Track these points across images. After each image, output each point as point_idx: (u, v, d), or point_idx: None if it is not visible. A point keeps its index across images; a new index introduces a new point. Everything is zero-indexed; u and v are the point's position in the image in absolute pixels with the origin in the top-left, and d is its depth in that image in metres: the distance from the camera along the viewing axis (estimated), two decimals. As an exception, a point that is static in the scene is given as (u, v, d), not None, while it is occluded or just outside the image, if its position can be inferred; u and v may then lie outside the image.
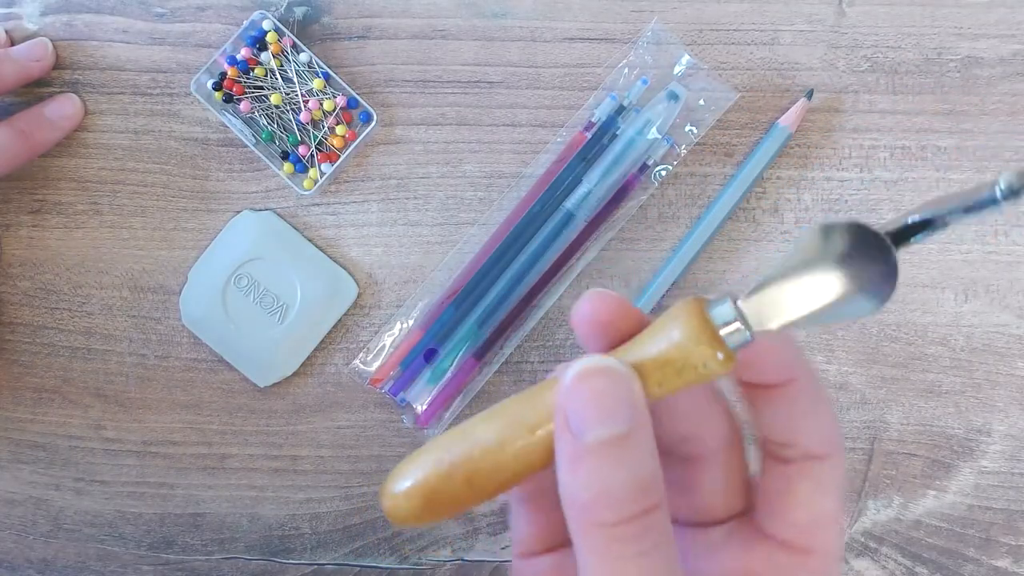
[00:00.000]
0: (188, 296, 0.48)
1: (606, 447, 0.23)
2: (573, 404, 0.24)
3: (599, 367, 0.24)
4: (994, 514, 0.47)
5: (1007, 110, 0.47)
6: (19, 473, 0.49)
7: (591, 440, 0.23)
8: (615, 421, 0.23)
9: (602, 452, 0.23)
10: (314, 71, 0.48)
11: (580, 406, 0.23)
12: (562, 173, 0.47)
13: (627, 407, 0.23)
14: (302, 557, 0.49)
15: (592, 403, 0.23)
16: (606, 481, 0.23)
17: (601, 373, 0.24)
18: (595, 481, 0.23)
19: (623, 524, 0.23)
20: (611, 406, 0.23)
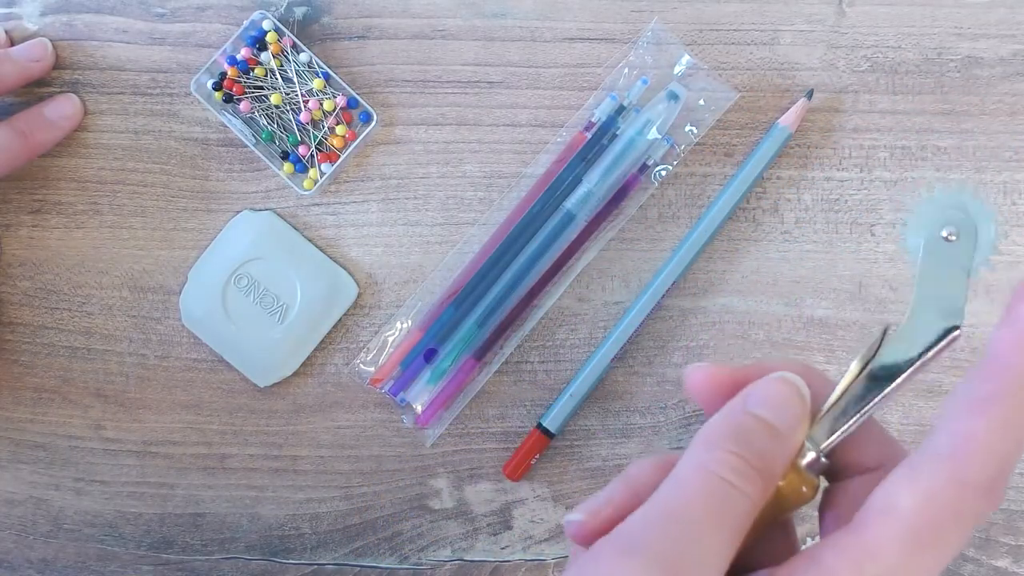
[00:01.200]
0: (188, 296, 0.48)
1: (759, 423, 0.26)
2: (759, 389, 0.27)
3: (792, 380, 0.27)
4: (994, 514, 0.47)
5: (1007, 110, 0.47)
6: (19, 473, 0.49)
7: (754, 410, 0.26)
8: (779, 415, 0.26)
9: (754, 425, 0.26)
10: (314, 71, 0.48)
11: (763, 392, 0.27)
12: (562, 173, 0.47)
13: (794, 415, 0.26)
14: (302, 557, 0.49)
15: (772, 395, 0.27)
16: (740, 430, 0.26)
17: (790, 383, 0.27)
18: (731, 426, 0.26)
19: (734, 456, 0.25)
20: (784, 404, 0.27)
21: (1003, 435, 0.24)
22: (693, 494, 0.25)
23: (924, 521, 0.24)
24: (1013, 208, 0.47)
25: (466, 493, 0.48)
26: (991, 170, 0.47)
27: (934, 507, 0.24)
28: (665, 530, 0.24)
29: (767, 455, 0.26)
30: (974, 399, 0.24)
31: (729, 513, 0.25)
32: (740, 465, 0.25)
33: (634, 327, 0.47)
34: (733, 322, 0.48)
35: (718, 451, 0.25)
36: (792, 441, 0.26)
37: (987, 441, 0.24)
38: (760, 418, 0.26)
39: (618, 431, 0.48)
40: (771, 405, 0.27)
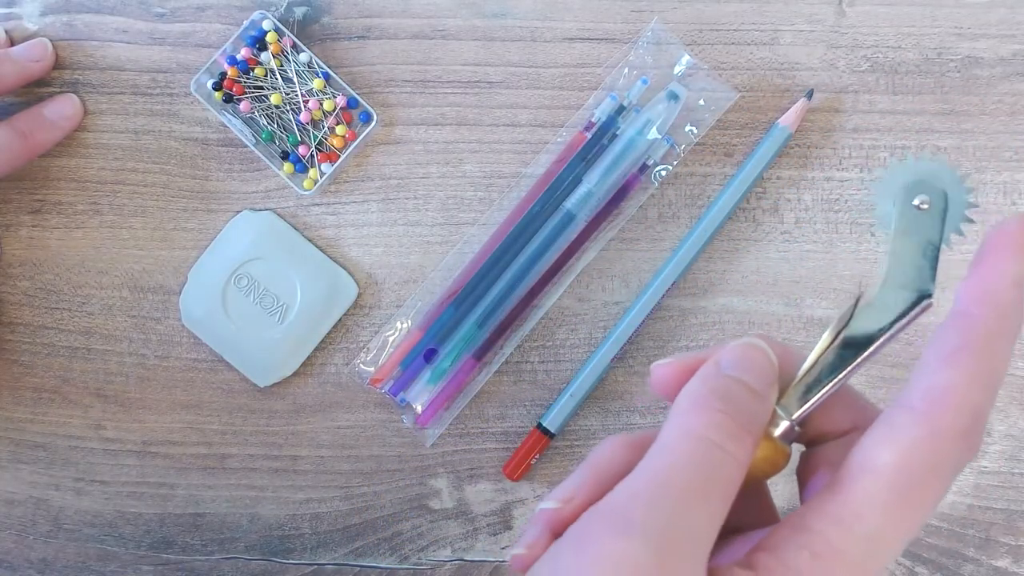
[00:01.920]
0: (188, 296, 0.48)
1: (739, 384, 0.26)
2: (730, 353, 0.27)
3: (759, 344, 0.27)
4: (994, 514, 0.47)
5: (1007, 110, 0.47)
6: (19, 473, 0.49)
7: (729, 372, 0.26)
8: (755, 376, 0.26)
9: (733, 386, 0.26)
10: (314, 71, 0.48)
11: (734, 356, 0.27)
12: (562, 173, 0.47)
13: (767, 376, 0.26)
14: (302, 557, 0.49)
15: (746, 358, 0.27)
16: (723, 391, 0.26)
17: (758, 346, 0.27)
18: (712, 388, 0.26)
19: (722, 415, 0.25)
20: (758, 365, 0.26)
21: (973, 385, 0.24)
22: (682, 462, 0.25)
23: (905, 476, 0.24)
24: (1013, 208, 0.47)
25: (466, 493, 0.48)
26: (991, 170, 0.47)
27: (913, 461, 0.24)
28: (658, 504, 0.24)
29: (752, 415, 0.26)
30: (944, 352, 0.24)
31: (719, 479, 0.24)
32: (729, 425, 0.25)
33: (634, 327, 0.47)
34: (733, 322, 0.48)
35: (705, 413, 0.25)
36: (768, 404, 0.26)
37: (959, 392, 0.24)
38: (739, 379, 0.26)
39: (618, 431, 0.48)
40: (746, 367, 0.26)
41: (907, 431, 0.24)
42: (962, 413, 0.24)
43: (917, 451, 0.24)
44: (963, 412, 0.24)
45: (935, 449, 0.24)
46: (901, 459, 0.24)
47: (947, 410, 0.24)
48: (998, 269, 0.25)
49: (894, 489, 0.24)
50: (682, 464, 0.24)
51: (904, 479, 0.24)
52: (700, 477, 0.24)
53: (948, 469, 0.24)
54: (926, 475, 0.24)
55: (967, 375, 0.24)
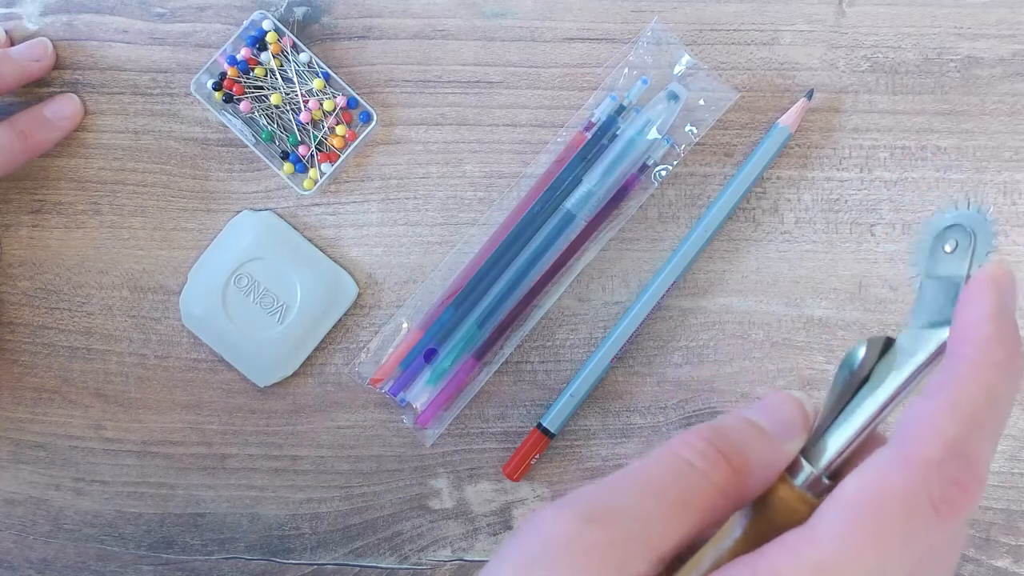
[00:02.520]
0: (188, 296, 0.48)
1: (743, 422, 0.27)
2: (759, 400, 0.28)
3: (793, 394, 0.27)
4: (994, 514, 0.47)
5: (1007, 110, 0.47)
6: (19, 473, 0.49)
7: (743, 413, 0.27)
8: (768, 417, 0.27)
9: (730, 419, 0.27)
10: (314, 71, 0.48)
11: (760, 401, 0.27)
12: (562, 173, 0.47)
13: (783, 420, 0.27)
14: (302, 557, 0.49)
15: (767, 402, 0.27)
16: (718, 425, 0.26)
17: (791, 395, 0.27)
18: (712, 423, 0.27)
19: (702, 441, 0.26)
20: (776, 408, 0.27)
21: (948, 415, 0.23)
22: (652, 470, 0.25)
23: (866, 502, 0.23)
24: (1013, 208, 0.47)
25: (466, 493, 0.48)
26: (991, 170, 0.47)
27: (877, 491, 0.23)
28: (608, 494, 0.24)
29: (741, 446, 0.25)
30: (927, 390, 0.24)
31: (682, 489, 0.24)
32: (705, 448, 0.25)
33: (634, 327, 0.47)
34: (733, 322, 0.48)
35: (688, 437, 0.25)
36: (782, 446, 0.26)
37: (930, 421, 0.24)
38: (746, 419, 0.26)
39: (618, 431, 0.48)
40: (762, 409, 0.27)
41: (876, 460, 0.23)
42: (934, 443, 0.23)
43: (882, 481, 0.23)
44: (935, 442, 0.23)
45: (905, 478, 0.23)
46: (864, 488, 0.23)
47: (917, 439, 0.23)
48: (973, 306, 0.25)
49: (853, 518, 0.23)
50: (652, 472, 0.25)
51: (865, 508, 0.23)
52: (665, 484, 0.24)
53: (921, 503, 0.23)
54: (892, 506, 0.23)
55: (941, 406, 0.24)
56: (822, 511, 0.23)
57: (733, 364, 0.48)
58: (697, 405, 0.48)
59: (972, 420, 0.24)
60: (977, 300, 0.25)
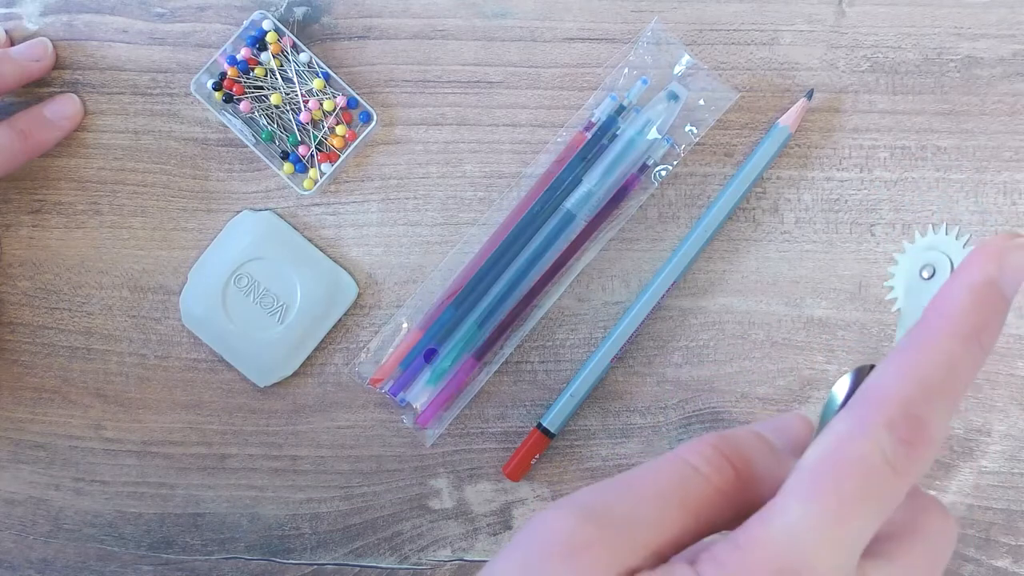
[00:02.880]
0: (188, 296, 0.48)
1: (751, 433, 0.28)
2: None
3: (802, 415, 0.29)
4: (994, 514, 0.47)
5: (1007, 110, 0.47)
6: (19, 473, 0.49)
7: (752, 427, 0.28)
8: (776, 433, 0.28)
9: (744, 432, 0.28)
10: (314, 71, 0.48)
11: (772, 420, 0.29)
12: (562, 173, 0.47)
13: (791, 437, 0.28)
14: (302, 557, 0.49)
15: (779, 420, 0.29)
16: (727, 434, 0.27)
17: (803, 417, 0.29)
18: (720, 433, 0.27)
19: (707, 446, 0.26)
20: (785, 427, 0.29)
21: (902, 378, 0.24)
22: (657, 472, 0.26)
23: (825, 469, 0.24)
24: (1013, 208, 0.47)
25: (466, 493, 0.48)
26: (991, 170, 0.47)
27: (834, 454, 0.24)
28: (610, 492, 0.25)
29: (748, 455, 0.26)
30: (889, 355, 0.25)
31: (681, 490, 0.25)
32: (709, 453, 0.26)
33: (634, 327, 0.47)
34: (733, 322, 0.48)
35: (696, 443, 0.26)
36: (788, 461, 0.26)
37: (884, 384, 0.24)
38: (756, 432, 0.27)
39: (618, 431, 0.48)
40: (772, 426, 0.28)
41: (833, 427, 0.24)
42: (887, 404, 0.24)
43: (839, 443, 0.24)
44: (888, 403, 0.24)
45: (857, 441, 0.24)
46: (823, 452, 0.24)
47: (872, 402, 0.24)
48: (957, 278, 0.26)
49: (813, 482, 0.24)
50: (654, 473, 0.26)
51: (824, 472, 0.24)
52: (665, 484, 0.25)
53: (878, 464, 0.24)
54: (849, 467, 0.24)
55: (895, 368, 0.25)
56: (788, 481, 0.24)
57: (733, 364, 0.48)
58: (697, 405, 0.48)
59: (924, 384, 0.24)
60: (964, 272, 0.25)
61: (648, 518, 0.25)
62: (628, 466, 0.48)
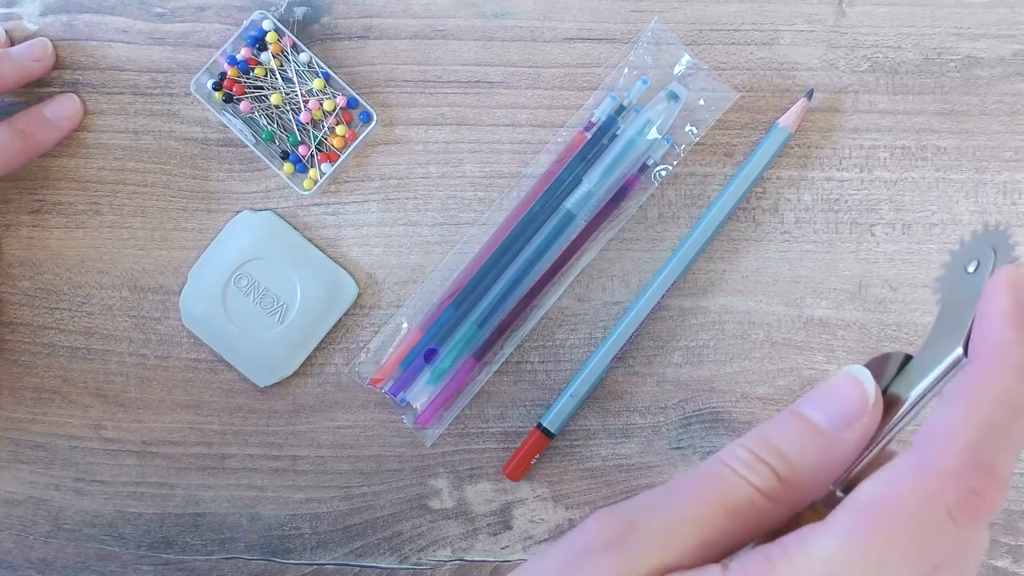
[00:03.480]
0: (188, 296, 0.48)
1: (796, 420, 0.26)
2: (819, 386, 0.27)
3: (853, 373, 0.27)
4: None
5: (1007, 110, 0.47)
6: (19, 473, 0.49)
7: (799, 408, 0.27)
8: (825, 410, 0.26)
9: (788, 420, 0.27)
10: (314, 71, 0.48)
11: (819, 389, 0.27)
12: (562, 173, 0.47)
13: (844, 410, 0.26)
14: (302, 557, 0.49)
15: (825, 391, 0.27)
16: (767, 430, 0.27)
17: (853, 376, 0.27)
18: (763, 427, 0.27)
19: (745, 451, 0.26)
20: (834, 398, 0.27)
21: (966, 421, 0.23)
22: (695, 475, 0.26)
23: (876, 505, 0.23)
24: (1013, 208, 0.47)
25: (466, 493, 0.48)
26: (991, 170, 0.47)
27: (890, 494, 0.23)
28: (652, 499, 0.25)
29: (786, 451, 0.26)
30: (946, 396, 0.24)
31: (720, 492, 0.25)
32: (744, 455, 0.25)
33: (634, 327, 0.47)
34: (733, 322, 0.48)
35: (734, 447, 0.26)
36: (838, 442, 0.26)
37: (948, 428, 0.23)
38: (799, 416, 0.26)
39: (618, 431, 0.48)
40: (818, 398, 0.26)
41: (892, 467, 0.24)
42: (950, 451, 0.23)
43: (897, 484, 0.23)
44: (951, 450, 0.23)
45: (914, 487, 0.23)
46: (877, 491, 0.23)
47: (933, 448, 0.23)
48: (990, 310, 0.25)
49: (863, 518, 0.23)
50: (692, 474, 0.26)
51: (876, 511, 0.23)
52: (699, 486, 0.25)
53: (934, 511, 0.23)
54: (904, 510, 0.23)
55: (957, 412, 0.24)
56: (837, 511, 0.24)
57: (733, 364, 0.48)
58: (697, 405, 0.48)
59: (989, 426, 0.23)
60: (994, 304, 0.24)
61: (687, 517, 0.25)
62: (628, 466, 0.48)
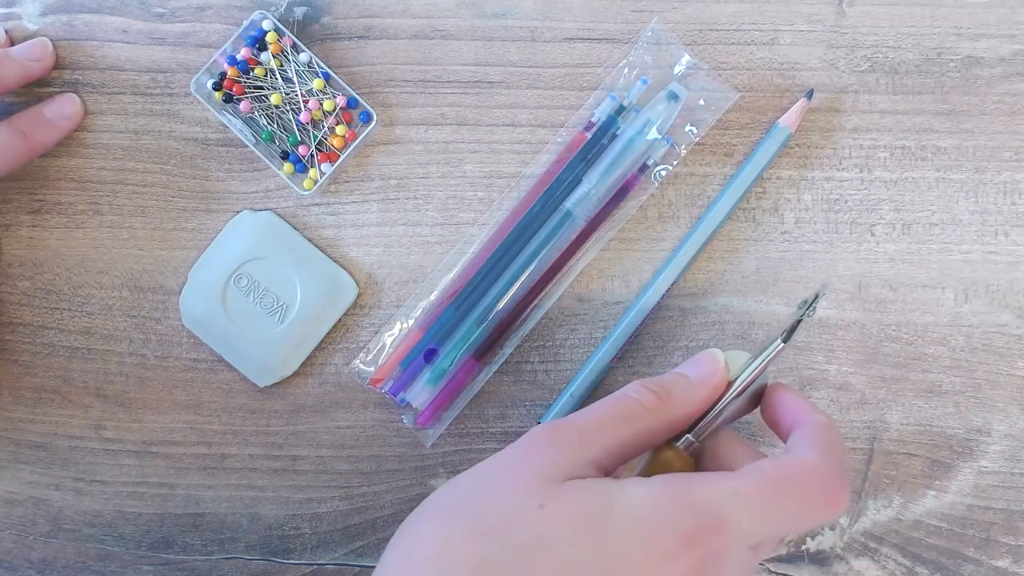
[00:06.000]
0: (188, 296, 0.48)
1: (672, 374, 0.39)
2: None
3: (712, 352, 0.39)
4: (994, 514, 0.47)
5: (1007, 110, 0.47)
6: (19, 473, 0.49)
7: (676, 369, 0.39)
8: (691, 368, 0.38)
9: (668, 374, 0.39)
10: (314, 71, 0.48)
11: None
12: (562, 173, 0.47)
13: (702, 370, 0.38)
14: (302, 557, 0.49)
15: (694, 359, 0.39)
16: (656, 378, 0.38)
17: (712, 354, 0.39)
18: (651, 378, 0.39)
19: (639, 384, 0.37)
20: (697, 362, 0.39)
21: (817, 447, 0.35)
22: (605, 401, 0.36)
23: (771, 470, 0.33)
24: (1013, 208, 0.47)
25: (466, 493, 0.48)
26: (991, 170, 0.47)
27: (779, 468, 0.33)
28: (574, 416, 0.35)
29: (666, 385, 0.36)
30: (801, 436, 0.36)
31: (621, 408, 0.35)
32: (638, 386, 0.36)
33: (634, 327, 0.47)
34: (733, 322, 0.48)
35: (633, 384, 0.37)
36: (699, 389, 0.37)
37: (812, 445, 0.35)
38: (676, 372, 0.38)
39: (618, 431, 0.48)
40: (689, 364, 0.38)
41: (784, 458, 0.34)
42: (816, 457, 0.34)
43: (785, 467, 0.34)
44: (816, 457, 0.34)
45: (800, 470, 0.34)
46: (773, 464, 0.34)
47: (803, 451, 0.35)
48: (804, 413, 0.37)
49: (762, 473, 0.33)
50: (603, 400, 0.36)
51: (771, 472, 0.33)
52: (607, 404, 0.36)
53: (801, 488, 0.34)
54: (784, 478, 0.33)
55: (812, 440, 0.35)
56: (745, 469, 0.33)
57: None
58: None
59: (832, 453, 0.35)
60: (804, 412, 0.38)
61: (599, 426, 0.35)
62: (628, 466, 0.48)
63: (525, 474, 0.33)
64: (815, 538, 0.48)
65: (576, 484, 0.32)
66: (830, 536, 0.48)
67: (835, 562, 0.48)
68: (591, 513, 0.31)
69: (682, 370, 0.38)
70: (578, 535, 0.31)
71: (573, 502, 0.32)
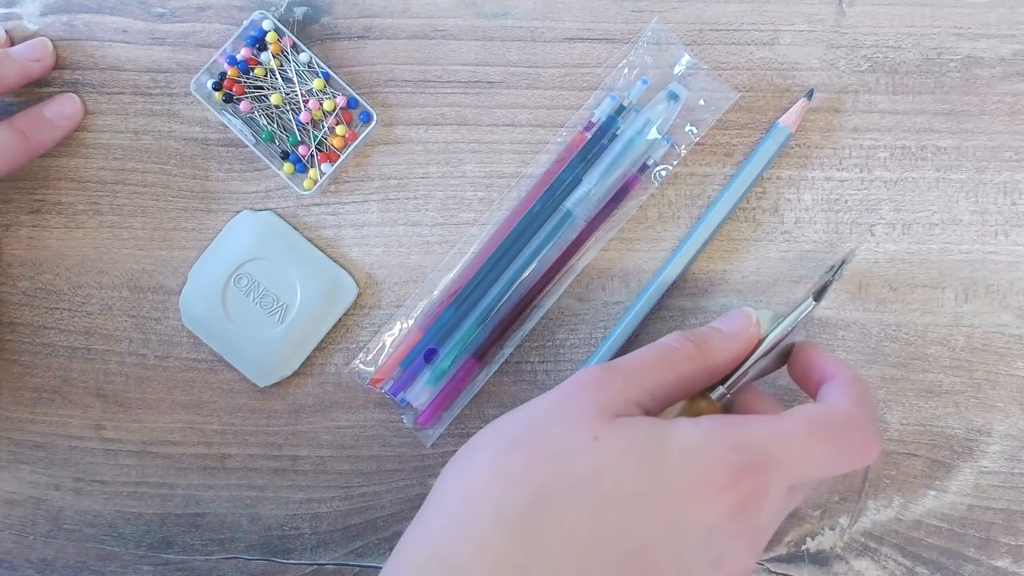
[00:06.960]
0: (188, 296, 0.48)
1: (708, 328, 0.41)
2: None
3: (746, 310, 0.41)
4: (994, 514, 0.47)
5: (1007, 110, 0.47)
6: (19, 473, 0.49)
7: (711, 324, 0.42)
8: (725, 322, 0.41)
9: (704, 328, 0.41)
10: (314, 71, 0.48)
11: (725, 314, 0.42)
12: (562, 173, 0.47)
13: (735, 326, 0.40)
14: (302, 557, 0.49)
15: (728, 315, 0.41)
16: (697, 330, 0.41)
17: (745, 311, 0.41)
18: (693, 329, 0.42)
19: (678, 334, 0.40)
20: (731, 318, 0.41)
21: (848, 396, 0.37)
22: (648, 348, 0.38)
23: (814, 412, 0.36)
24: (1013, 208, 0.47)
25: (466, 493, 0.48)
26: (991, 170, 0.47)
27: (821, 410, 0.36)
28: (626, 360, 0.37)
29: (704, 336, 0.39)
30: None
31: (663, 356, 0.37)
32: (678, 335, 0.38)
33: (634, 327, 0.47)
34: (733, 322, 0.48)
35: (672, 335, 0.39)
36: (733, 341, 0.39)
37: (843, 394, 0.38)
38: (711, 326, 0.40)
39: (618, 431, 0.48)
40: (723, 319, 0.40)
41: (817, 404, 0.37)
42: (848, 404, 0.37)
43: (828, 412, 0.36)
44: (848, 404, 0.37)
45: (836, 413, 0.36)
46: (815, 407, 0.36)
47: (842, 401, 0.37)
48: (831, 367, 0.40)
49: (805, 416, 0.35)
50: (646, 347, 0.38)
51: (814, 413, 0.36)
52: (651, 352, 0.38)
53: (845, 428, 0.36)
54: (829, 421, 0.36)
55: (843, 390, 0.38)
56: (790, 412, 0.35)
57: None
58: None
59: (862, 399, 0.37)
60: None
61: (645, 369, 0.37)
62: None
63: (579, 409, 0.34)
64: (815, 538, 0.48)
65: (628, 420, 0.34)
66: (830, 536, 0.48)
67: (835, 562, 0.48)
68: (643, 447, 0.33)
69: (717, 325, 0.40)
70: (631, 467, 0.33)
71: (626, 436, 0.33)
